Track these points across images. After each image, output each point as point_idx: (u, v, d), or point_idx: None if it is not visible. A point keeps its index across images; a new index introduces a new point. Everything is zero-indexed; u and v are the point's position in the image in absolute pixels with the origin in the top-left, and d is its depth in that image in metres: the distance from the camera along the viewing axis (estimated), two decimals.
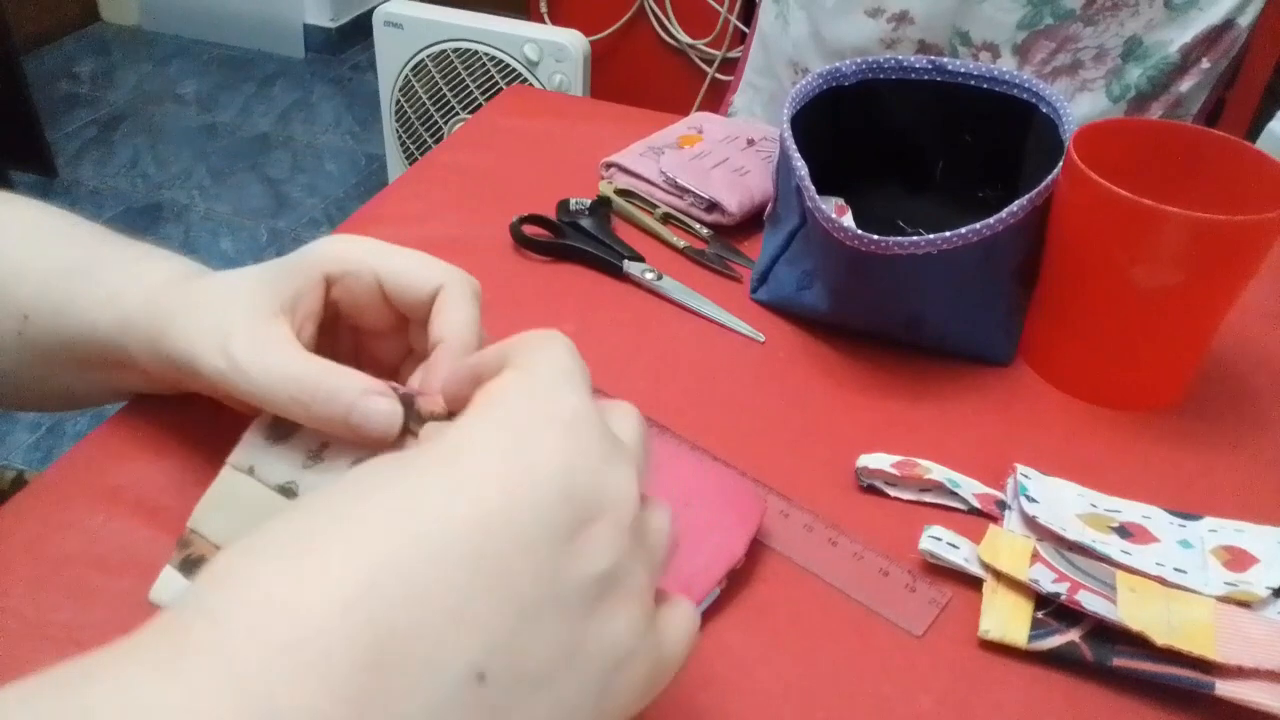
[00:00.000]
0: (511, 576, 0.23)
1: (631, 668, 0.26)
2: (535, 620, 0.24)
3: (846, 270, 0.54)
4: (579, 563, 0.25)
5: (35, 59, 2.70)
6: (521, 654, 0.23)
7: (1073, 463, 0.50)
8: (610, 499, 0.26)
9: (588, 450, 0.26)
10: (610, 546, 0.25)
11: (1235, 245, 0.49)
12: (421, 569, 0.23)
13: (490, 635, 0.23)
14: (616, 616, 0.25)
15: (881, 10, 1.24)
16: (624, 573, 0.26)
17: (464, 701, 0.22)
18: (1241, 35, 1.17)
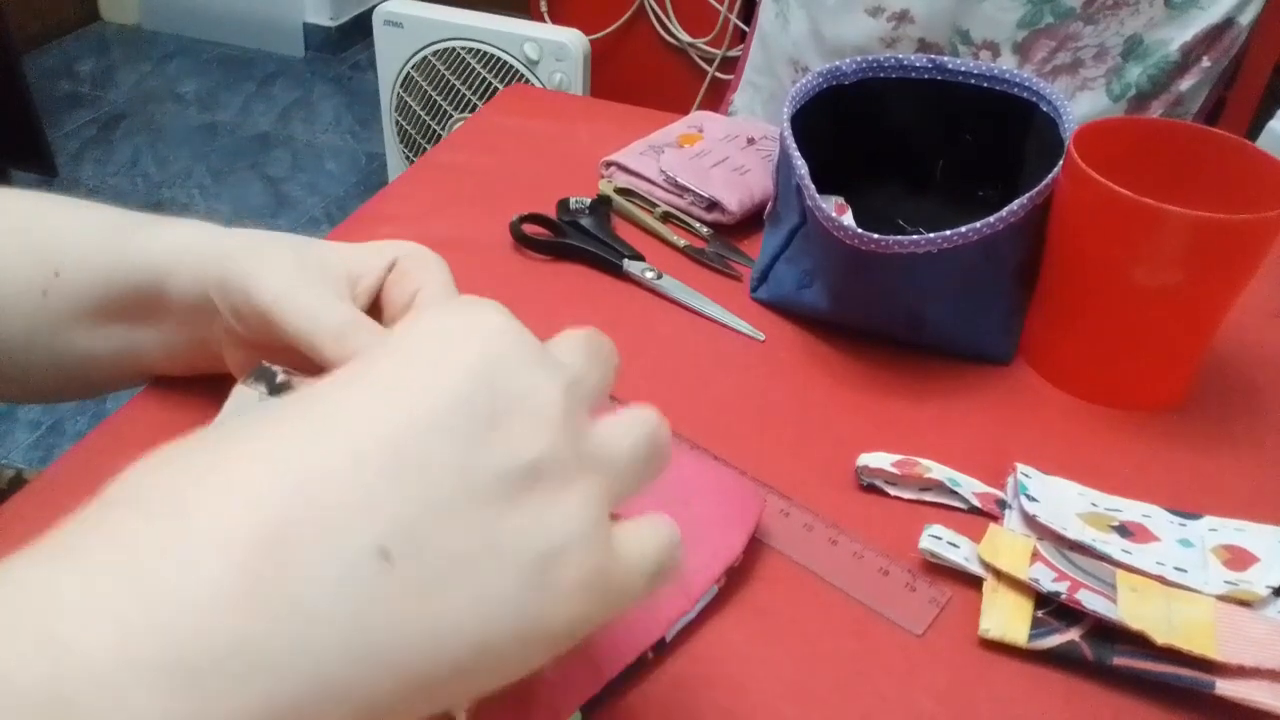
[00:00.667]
0: (415, 463, 0.23)
1: (567, 565, 0.24)
2: (446, 506, 0.23)
3: (847, 269, 0.54)
4: (496, 453, 0.24)
5: (35, 59, 2.70)
6: (431, 537, 0.23)
7: (1073, 462, 0.50)
8: (532, 395, 0.25)
9: (508, 353, 0.26)
10: (532, 440, 0.25)
11: (1236, 244, 0.49)
12: (320, 459, 0.23)
13: (393, 517, 0.22)
14: (547, 510, 0.24)
15: (882, 9, 1.24)
16: (553, 468, 0.25)
17: (368, 579, 0.22)
18: (1242, 34, 1.17)
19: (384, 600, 0.22)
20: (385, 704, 0.22)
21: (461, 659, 0.23)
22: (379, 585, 0.22)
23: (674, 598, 0.41)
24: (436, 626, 0.23)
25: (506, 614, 0.24)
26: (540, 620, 0.24)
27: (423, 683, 0.23)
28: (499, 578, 0.24)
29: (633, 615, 0.40)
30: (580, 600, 0.25)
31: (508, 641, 0.24)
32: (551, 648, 0.25)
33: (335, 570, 0.22)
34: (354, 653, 0.22)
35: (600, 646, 0.38)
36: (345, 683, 0.21)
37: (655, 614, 0.40)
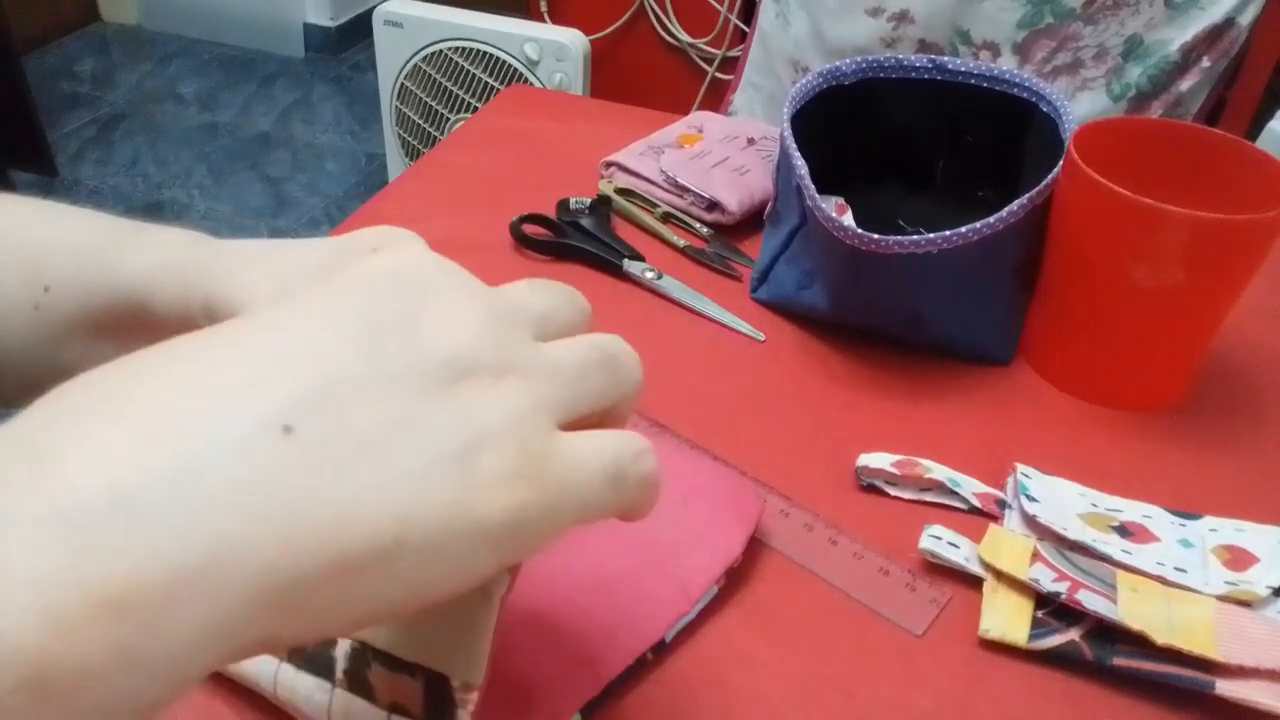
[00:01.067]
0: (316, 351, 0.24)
1: (492, 452, 0.24)
2: (351, 386, 0.23)
3: (846, 269, 0.54)
4: (412, 346, 0.24)
5: (35, 59, 2.70)
6: (335, 413, 0.23)
7: (1073, 462, 0.50)
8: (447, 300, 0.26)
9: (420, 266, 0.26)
10: (451, 338, 0.25)
11: (1236, 244, 0.49)
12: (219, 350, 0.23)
13: (293, 393, 0.23)
14: (471, 403, 0.24)
15: (882, 9, 1.24)
16: (475, 368, 0.25)
17: (267, 449, 0.22)
18: (1242, 34, 1.17)
19: (283, 470, 0.22)
20: (303, 582, 0.22)
21: (379, 540, 0.22)
22: (278, 455, 0.22)
23: (673, 599, 0.41)
24: (345, 501, 0.22)
25: (426, 497, 0.23)
26: (467, 508, 0.23)
27: (335, 561, 0.22)
28: (415, 458, 0.23)
29: (631, 616, 0.40)
30: (511, 492, 0.24)
31: (432, 528, 0.23)
32: (492, 547, 0.24)
33: (230, 436, 0.21)
34: (250, 519, 0.21)
35: (599, 648, 0.38)
36: (242, 548, 0.21)
37: (654, 615, 0.40)
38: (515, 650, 0.38)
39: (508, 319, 0.26)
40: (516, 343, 0.26)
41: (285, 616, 0.22)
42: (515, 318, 0.27)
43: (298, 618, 0.22)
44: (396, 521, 0.23)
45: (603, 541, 0.42)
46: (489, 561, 0.24)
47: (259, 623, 0.21)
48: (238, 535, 0.21)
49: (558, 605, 0.40)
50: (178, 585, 0.20)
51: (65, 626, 0.19)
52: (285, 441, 0.22)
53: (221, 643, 0.21)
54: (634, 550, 0.42)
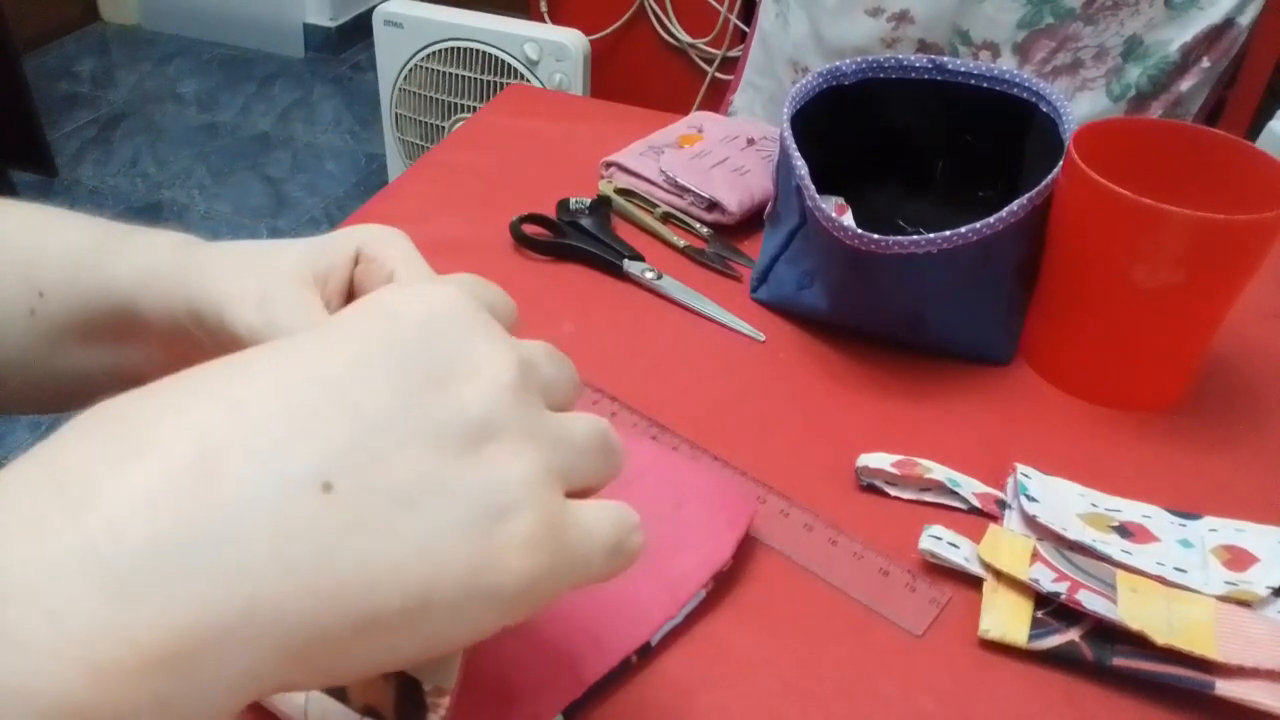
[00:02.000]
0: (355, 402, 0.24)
1: (516, 520, 0.24)
2: (389, 444, 0.23)
3: (847, 270, 0.54)
4: (442, 404, 0.25)
5: (35, 59, 2.70)
6: (373, 472, 0.23)
7: (1073, 462, 0.50)
8: (483, 358, 0.26)
9: (459, 317, 0.27)
10: (480, 398, 0.25)
11: (1235, 245, 0.49)
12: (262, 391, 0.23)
13: (334, 449, 0.23)
14: (497, 467, 0.25)
15: (882, 10, 1.24)
16: (502, 430, 0.25)
17: (306, 504, 0.22)
18: (1241, 35, 1.17)
19: (322, 528, 0.22)
20: (332, 638, 0.22)
21: (408, 602, 0.23)
22: (317, 513, 0.22)
23: (660, 602, 0.40)
24: (377, 562, 0.23)
25: (453, 560, 0.24)
26: (488, 573, 0.24)
27: (366, 620, 0.22)
28: (445, 522, 0.23)
29: (617, 618, 0.40)
30: (529, 559, 0.25)
31: (455, 590, 0.24)
32: (502, 609, 0.25)
33: (271, 490, 0.22)
34: (288, 575, 0.21)
35: (583, 649, 0.38)
36: (279, 603, 0.21)
37: (640, 618, 0.40)
38: (497, 650, 0.38)
39: (530, 381, 0.27)
40: (537, 408, 0.27)
41: (308, 667, 0.22)
42: (535, 380, 0.28)
43: (319, 668, 0.22)
44: (424, 583, 0.23)
45: None
46: (498, 621, 0.25)
47: (285, 672, 0.22)
48: (275, 591, 0.21)
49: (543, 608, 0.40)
50: (217, 639, 0.20)
51: (107, 680, 0.19)
52: (324, 499, 0.22)
53: (250, 691, 0.21)
54: None
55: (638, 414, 0.52)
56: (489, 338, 0.27)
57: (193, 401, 0.23)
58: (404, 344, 0.25)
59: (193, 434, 0.22)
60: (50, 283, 0.44)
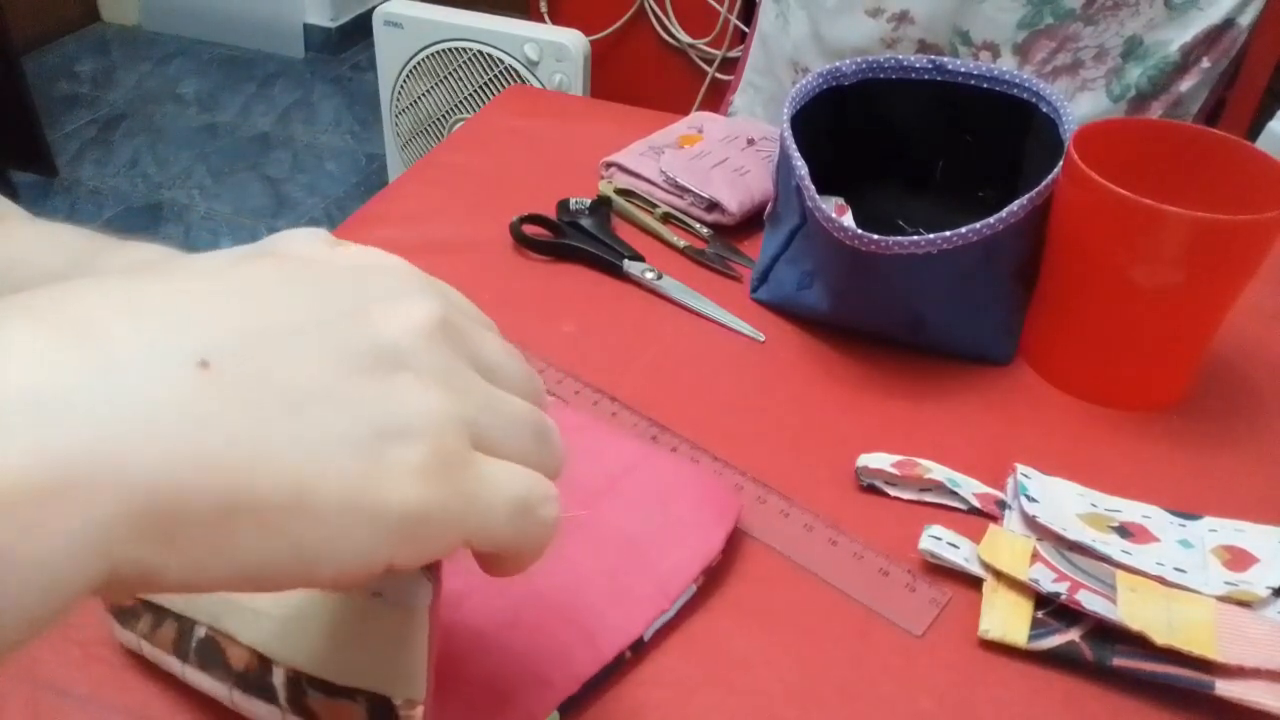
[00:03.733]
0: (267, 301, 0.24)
1: (407, 445, 0.24)
2: (288, 344, 0.23)
3: (847, 270, 0.54)
4: (358, 328, 0.25)
5: (35, 59, 2.70)
6: (259, 361, 0.23)
7: (1073, 462, 0.50)
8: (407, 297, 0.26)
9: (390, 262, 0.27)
10: (399, 330, 0.25)
11: (1235, 245, 0.49)
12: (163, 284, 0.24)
13: (223, 331, 0.23)
14: (400, 391, 0.24)
15: (882, 10, 1.24)
16: (418, 364, 0.25)
17: (185, 378, 0.22)
18: (1241, 35, 1.17)
19: (195, 400, 0.22)
20: (194, 514, 0.22)
21: (278, 494, 0.22)
22: (194, 385, 0.22)
23: (652, 597, 0.40)
24: (248, 446, 0.22)
25: (332, 466, 0.23)
26: (367, 491, 0.23)
27: (231, 502, 0.22)
28: (329, 427, 0.23)
29: (609, 615, 0.40)
30: (418, 488, 0.24)
31: (332, 498, 0.23)
32: (384, 534, 0.24)
33: (145, 357, 0.22)
34: (150, 440, 0.21)
35: (577, 647, 0.38)
36: (134, 459, 0.21)
37: (632, 613, 0.40)
38: (490, 649, 0.38)
39: (454, 336, 0.27)
40: (457, 363, 0.26)
41: (162, 545, 0.21)
42: (466, 347, 0.27)
43: (176, 551, 0.22)
44: (298, 480, 0.23)
45: (580, 541, 0.42)
46: (377, 551, 0.24)
47: (134, 545, 0.21)
48: (132, 449, 0.21)
49: (535, 604, 0.40)
50: (57, 485, 0.20)
51: None
52: (201, 374, 0.22)
53: (94, 557, 0.20)
54: (612, 549, 0.42)
55: (638, 414, 0.52)
56: (421, 289, 0.26)
57: (91, 285, 0.23)
58: (331, 274, 0.26)
59: (82, 305, 0.22)
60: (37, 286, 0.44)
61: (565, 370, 0.54)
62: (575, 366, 0.55)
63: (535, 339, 0.56)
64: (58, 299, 0.23)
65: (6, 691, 0.37)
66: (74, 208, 2.14)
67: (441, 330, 0.26)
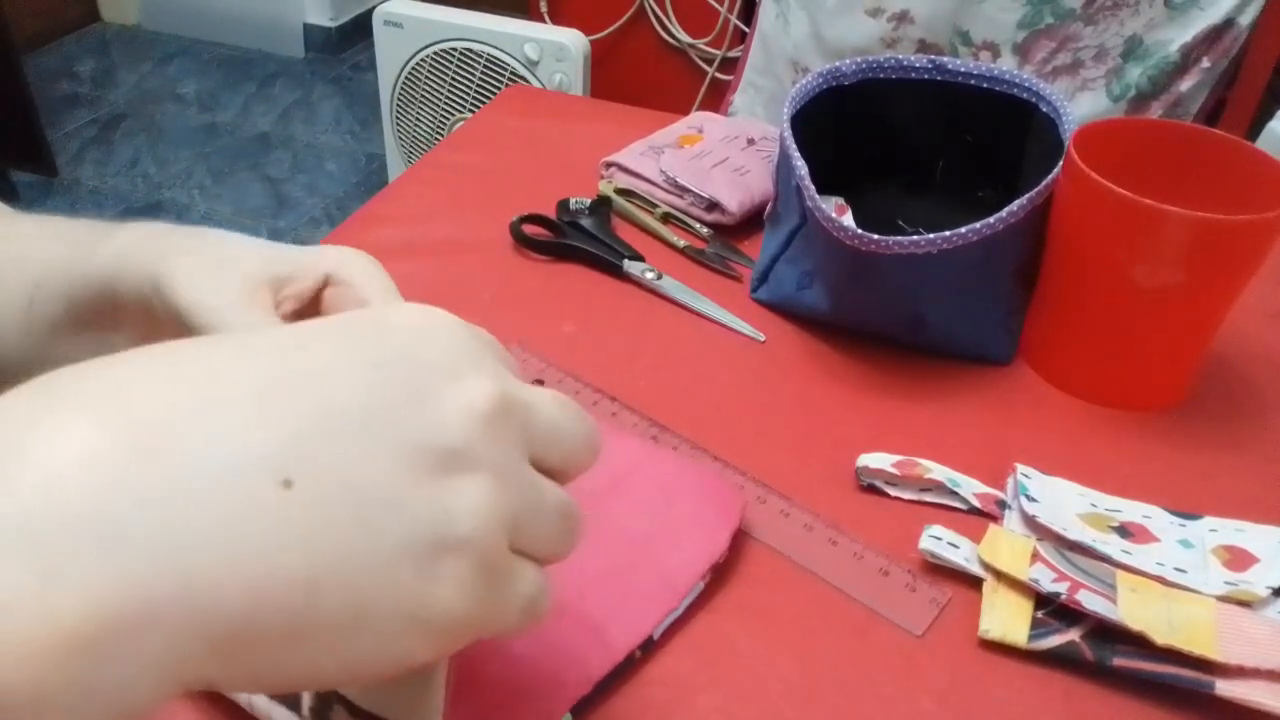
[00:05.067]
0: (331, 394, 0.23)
1: (460, 562, 0.24)
2: (359, 446, 0.22)
3: (847, 270, 0.54)
4: (417, 420, 0.23)
5: (35, 59, 2.70)
6: (336, 473, 0.22)
7: (1073, 462, 0.50)
8: (466, 386, 0.25)
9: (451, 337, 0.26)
10: (456, 427, 0.24)
11: (1235, 245, 0.49)
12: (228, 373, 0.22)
13: (298, 439, 0.22)
14: (455, 499, 0.24)
15: (882, 10, 1.24)
16: (479, 466, 0.24)
17: (265, 498, 0.21)
18: (1241, 35, 1.17)
19: (275, 523, 0.21)
20: (263, 638, 0.21)
21: (343, 613, 0.22)
22: (273, 507, 0.21)
23: (660, 596, 0.41)
24: (322, 566, 0.22)
25: (389, 580, 0.23)
26: (420, 601, 0.23)
27: (300, 625, 0.21)
28: (394, 540, 0.23)
29: (619, 614, 0.40)
30: (461, 599, 0.24)
31: (390, 611, 0.23)
32: (428, 642, 0.24)
33: (225, 474, 0.20)
34: (229, 565, 0.20)
35: (588, 646, 0.38)
36: (215, 592, 0.20)
37: (642, 612, 0.40)
38: (504, 651, 0.38)
39: (513, 419, 0.26)
40: (513, 452, 0.26)
41: (230, 664, 0.21)
42: (518, 420, 0.26)
43: (244, 669, 0.21)
44: (361, 596, 0.22)
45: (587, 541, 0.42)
46: (417, 653, 0.24)
47: (206, 665, 0.20)
48: (212, 578, 0.20)
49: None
50: (141, 619, 0.19)
51: (23, 658, 0.18)
52: (282, 493, 0.21)
53: (169, 682, 0.20)
54: (619, 549, 0.42)
55: (638, 414, 0.52)
56: (477, 364, 0.26)
57: (156, 369, 0.22)
58: (389, 351, 0.24)
59: (149, 402, 0.21)
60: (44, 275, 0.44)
61: (565, 370, 0.54)
62: (575, 366, 0.55)
63: (535, 339, 0.56)
64: (119, 392, 0.21)
65: None
66: (74, 208, 2.14)
67: (498, 414, 0.25)
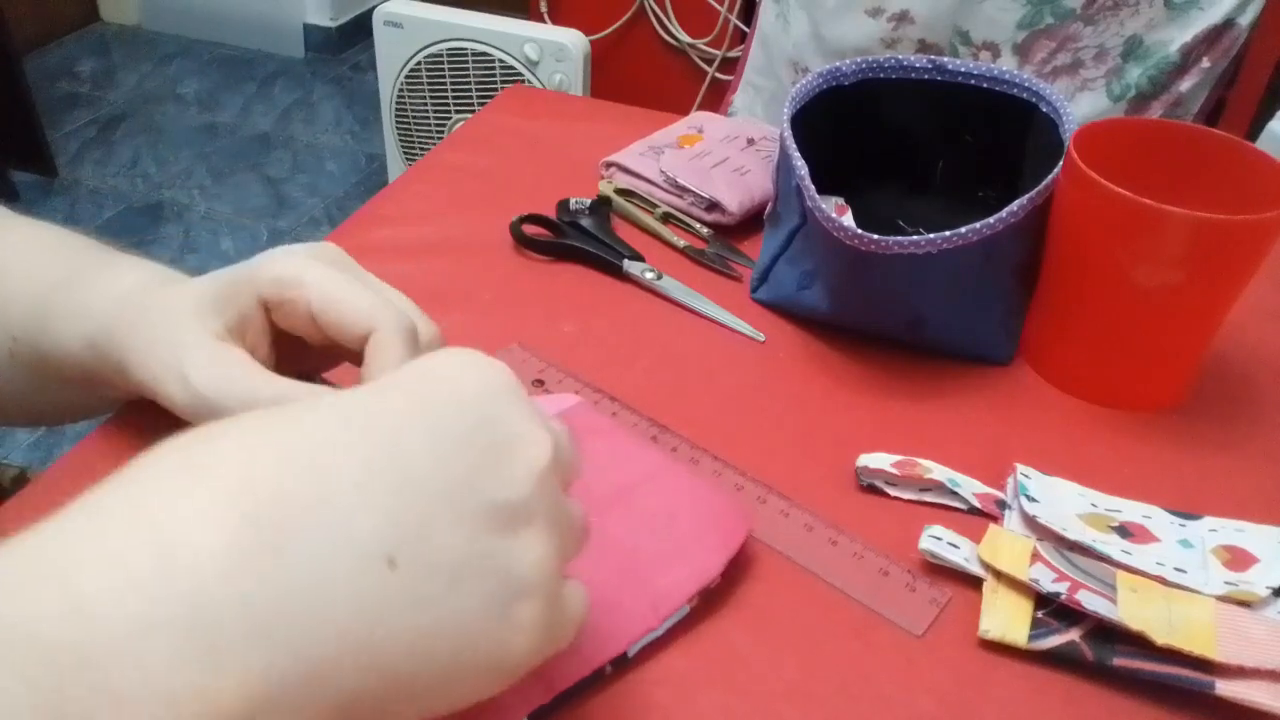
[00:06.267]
0: (417, 476, 0.25)
1: (533, 605, 0.26)
2: (449, 518, 0.25)
3: (847, 270, 0.54)
4: (492, 483, 0.26)
5: (35, 59, 2.70)
6: (432, 547, 0.24)
7: (1073, 462, 0.50)
8: (529, 440, 0.27)
9: (512, 396, 0.28)
10: (524, 480, 0.26)
11: (1235, 245, 0.49)
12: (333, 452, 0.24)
13: (399, 519, 0.24)
14: (526, 549, 0.26)
15: (882, 10, 1.24)
16: (538, 515, 0.27)
17: (376, 579, 0.23)
18: (1241, 35, 1.17)
19: (384, 603, 0.23)
20: (375, 703, 0.23)
21: (441, 672, 0.24)
22: (382, 588, 0.23)
23: (641, 614, 0.39)
24: (424, 634, 0.24)
25: (480, 633, 0.25)
26: (503, 647, 0.26)
27: (405, 687, 0.24)
28: (479, 598, 0.25)
29: (595, 627, 0.39)
30: (533, 638, 0.27)
31: (477, 662, 0.25)
32: (504, 680, 0.27)
33: (344, 564, 0.23)
34: (350, 647, 0.22)
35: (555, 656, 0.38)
36: (338, 673, 0.22)
37: (619, 628, 0.39)
38: None
39: (560, 464, 0.29)
40: (560, 492, 0.29)
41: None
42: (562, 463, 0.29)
43: None
44: (456, 655, 0.25)
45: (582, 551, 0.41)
46: (497, 690, 0.27)
47: None
48: (336, 661, 0.22)
49: None
50: (281, 698, 0.21)
51: None
52: (389, 575, 0.23)
53: None
54: (610, 562, 0.41)
55: (638, 414, 0.52)
56: (532, 417, 0.28)
57: (267, 453, 0.24)
58: (465, 422, 0.27)
59: (273, 493, 0.23)
60: (21, 331, 0.43)
61: (565, 370, 0.54)
62: (575, 366, 0.55)
63: (535, 339, 0.56)
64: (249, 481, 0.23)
65: None
66: (74, 208, 2.14)
67: (553, 468, 0.28)
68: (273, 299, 0.38)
